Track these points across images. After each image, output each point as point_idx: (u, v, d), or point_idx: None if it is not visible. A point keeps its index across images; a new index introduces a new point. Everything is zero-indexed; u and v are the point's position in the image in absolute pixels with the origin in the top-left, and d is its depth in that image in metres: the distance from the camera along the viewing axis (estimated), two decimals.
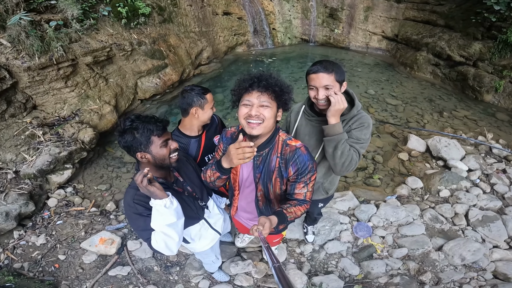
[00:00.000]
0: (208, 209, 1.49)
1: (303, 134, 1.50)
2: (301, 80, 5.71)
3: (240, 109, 1.10)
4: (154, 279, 2.20)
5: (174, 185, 1.30)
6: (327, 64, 1.26)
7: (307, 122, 1.48)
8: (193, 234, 1.45)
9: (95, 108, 3.65)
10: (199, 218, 1.43)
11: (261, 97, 1.05)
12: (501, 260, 2.33)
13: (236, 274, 2.20)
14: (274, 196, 1.27)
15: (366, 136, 1.34)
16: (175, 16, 5.34)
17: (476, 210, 2.68)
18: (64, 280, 2.17)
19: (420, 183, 3.09)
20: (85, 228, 2.58)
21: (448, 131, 4.06)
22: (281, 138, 1.19)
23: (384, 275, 2.23)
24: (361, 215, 2.63)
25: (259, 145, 1.17)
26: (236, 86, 1.12)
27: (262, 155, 1.19)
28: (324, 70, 1.24)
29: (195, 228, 1.43)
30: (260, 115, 1.05)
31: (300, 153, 1.15)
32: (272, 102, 1.07)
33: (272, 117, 1.08)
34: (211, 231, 1.53)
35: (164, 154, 1.13)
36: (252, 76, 1.08)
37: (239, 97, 1.12)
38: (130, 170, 3.44)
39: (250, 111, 1.05)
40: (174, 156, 1.17)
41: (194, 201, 1.38)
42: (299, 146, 1.17)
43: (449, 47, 5.36)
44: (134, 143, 1.08)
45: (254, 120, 1.05)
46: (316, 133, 1.44)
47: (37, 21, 3.14)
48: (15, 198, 2.57)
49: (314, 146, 1.46)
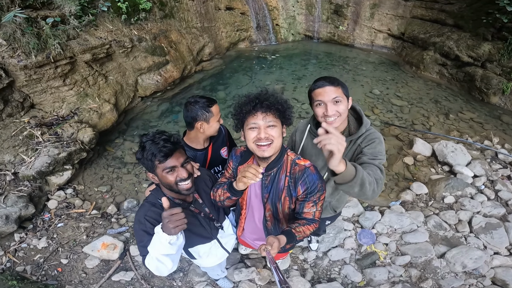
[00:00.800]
0: (223, 230, 1.44)
1: (309, 154, 1.44)
2: (304, 78, 5.61)
3: (247, 133, 1.08)
4: (157, 284, 2.19)
5: (192, 205, 1.24)
6: (331, 78, 1.21)
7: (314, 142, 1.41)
8: (202, 252, 1.41)
9: (95, 106, 3.58)
10: (211, 238, 1.39)
11: (266, 118, 1.04)
12: (501, 266, 2.34)
13: (240, 281, 2.20)
14: (283, 215, 1.25)
15: (382, 152, 1.24)
16: (176, 11, 5.19)
17: (479, 217, 2.66)
18: (68, 285, 2.17)
19: (425, 188, 3.06)
20: (87, 231, 2.55)
21: (454, 134, 4.01)
22: (290, 157, 1.19)
23: (386, 282, 2.23)
24: (366, 222, 2.61)
25: (268, 164, 1.15)
26: (237, 110, 1.09)
27: (270, 174, 1.18)
28: (330, 83, 1.18)
29: (205, 246, 1.39)
30: (269, 137, 1.04)
31: (309, 172, 1.14)
32: (277, 120, 1.07)
33: (280, 136, 1.08)
34: (221, 250, 1.49)
35: (169, 181, 1.05)
36: (252, 98, 1.06)
37: (242, 121, 1.09)
38: (131, 171, 3.40)
39: (259, 134, 1.04)
40: (183, 185, 1.07)
41: (210, 222, 1.33)
42: (308, 165, 1.16)
43: (458, 47, 5.24)
44: (142, 162, 1.04)
45: (263, 142, 1.04)
46: (323, 154, 1.37)
47: (33, 18, 3.03)
48: (15, 201, 2.54)
49: (322, 167, 1.40)
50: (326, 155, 0.91)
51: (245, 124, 1.09)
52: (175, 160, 1.03)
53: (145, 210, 1.12)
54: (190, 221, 1.20)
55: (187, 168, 1.08)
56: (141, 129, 4.05)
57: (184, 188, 1.07)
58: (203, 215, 1.28)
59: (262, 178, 1.18)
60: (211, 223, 1.33)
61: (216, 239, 1.41)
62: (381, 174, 1.17)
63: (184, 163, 1.07)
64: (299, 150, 1.49)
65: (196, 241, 1.32)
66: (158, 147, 0.99)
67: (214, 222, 1.35)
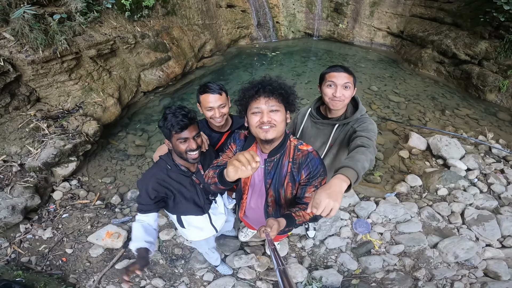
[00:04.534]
0: (216, 203, 1.54)
1: (308, 136, 1.53)
2: (303, 75, 5.67)
3: (250, 118, 1.08)
4: (160, 272, 2.26)
5: (194, 175, 1.38)
6: (345, 67, 1.34)
7: (313, 124, 1.51)
8: (192, 223, 1.52)
9: (99, 100, 3.66)
10: (204, 211, 1.49)
11: (269, 102, 1.03)
12: (493, 258, 2.40)
13: (240, 267, 2.28)
14: (285, 201, 1.27)
15: (373, 130, 1.32)
16: (178, 9, 5.26)
17: (472, 209, 2.73)
18: (72, 274, 2.21)
19: (419, 181, 3.14)
20: (91, 221, 2.62)
21: (450, 129, 4.08)
22: (293, 143, 1.19)
23: (381, 271, 2.30)
24: (361, 212, 2.70)
25: (271, 150, 1.16)
26: (241, 95, 1.10)
27: (273, 160, 1.18)
28: (345, 70, 1.32)
29: (197, 218, 1.50)
30: (272, 121, 1.04)
31: (312, 156, 1.16)
32: (280, 105, 1.06)
33: (283, 121, 1.08)
34: (209, 226, 1.59)
35: (181, 149, 1.22)
36: (255, 83, 1.06)
37: (246, 106, 1.10)
38: (134, 163, 3.48)
39: (262, 118, 1.04)
40: (191, 154, 1.23)
41: (205, 194, 1.44)
42: (311, 150, 1.17)
43: (455, 45, 5.31)
44: (162, 130, 1.22)
45: (266, 126, 1.05)
46: (321, 135, 1.48)
47: (40, 14, 3.09)
48: (21, 192, 2.58)
49: (319, 148, 1.49)
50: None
51: (248, 109, 1.09)
52: (188, 133, 1.20)
53: (154, 173, 1.30)
54: (190, 189, 1.36)
55: (197, 141, 1.25)
56: (144, 123, 4.13)
57: (192, 157, 1.25)
58: (202, 186, 1.40)
59: (265, 164, 1.18)
60: (206, 195, 1.45)
61: (207, 213, 1.52)
62: (372, 142, 1.21)
63: (195, 136, 1.23)
64: (299, 132, 1.57)
65: (190, 210, 1.44)
66: (177, 120, 1.16)
67: (209, 195, 1.47)
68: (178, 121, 1.15)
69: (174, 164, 1.33)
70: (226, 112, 1.50)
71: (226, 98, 1.50)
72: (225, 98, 1.48)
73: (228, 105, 1.53)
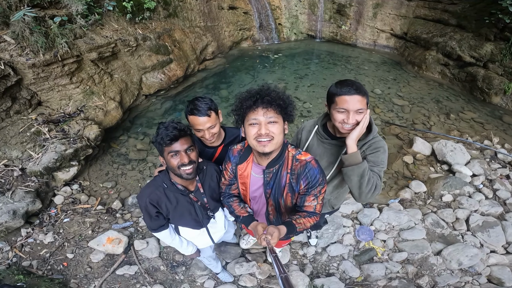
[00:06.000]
0: (215, 219, 1.51)
1: (313, 154, 1.46)
2: (306, 78, 5.64)
3: (248, 129, 1.06)
4: (160, 278, 2.25)
5: (192, 194, 1.33)
6: (358, 85, 1.16)
7: (319, 143, 1.42)
8: (188, 235, 1.51)
9: (100, 104, 3.65)
10: (202, 226, 1.47)
11: (267, 113, 1.01)
12: (497, 264, 2.38)
13: (241, 274, 2.26)
14: (285, 209, 1.28)
15: (384, 161, 1.28)
16: (180, 11, 5.24)
17: (477, 216, 2.70)
18: (73, 279, 2.21)
19: (423, 187, 3.10)
20: (92, 226, 2.62)
21: (455, 134, 4.03)
22: (291, 153, 1.18)
23: (383, 278, 2.28)
24: (364, 219, 2.66)
25: (269, 162, 1.15)
26: (238, 105, 1.07)
27: (272, 171, 1.17)
28: (358, 92, 1.13)
29: (193, 231, 1.48)
30: (270, 133, 1.03)
31: (310, 166, 1.14)
32: (278, 116, 1.04)
33: (281, 133, 1.06)
34: (206, 238, 1.56)
35: (173, 165, 1.16)
36: (253, 93, 1.03)
37: (243, 116, 1.07)
38: (135, 167, 3.48)
39: (260, 130, 1.02)
40: (184, 169, 1.16)
41: (204, 210, 1.41)
42: (309, 159, 1.16)
43: (460, 47, 5.24)
44: (155, 146, 1.18)
45: (264, 138, 1.03)
46: (328, 155, 1.40)
47: (41, 17, 3.08)
48: (22, 196, 2.58)
49: (325, 167, 1.42)
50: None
51: (245, 119, 1.07)
52: (179, 145, 1.14)
53: (150, 192, 1.27)
54: (187, 207, 1.33)
55: (190, 155, 1.17)
56: (145, 127, 4.12)
57: (185, 172, 1.17)
58: (199, 204, 1.37)
59: (265, 174, 1.18)
60: (205, 211, 1.42)
61: (205, 227, 1.49)
62: (379, 181, 1.22)
63: (187, 149, 1.16)
64: (304, 148, 1.51)
65: (187, 223, 1.43)
66: (167, 133, 1.11)
67: (208, 211, 1.43)
68: (168, 133, 1.11)
69: (171, 183, 1.28)
70: (216, 132, 1.42)
71: (216, 117, 1.39)
72: (214, 118, 1.37)
73: (219, 122, 1.45)
